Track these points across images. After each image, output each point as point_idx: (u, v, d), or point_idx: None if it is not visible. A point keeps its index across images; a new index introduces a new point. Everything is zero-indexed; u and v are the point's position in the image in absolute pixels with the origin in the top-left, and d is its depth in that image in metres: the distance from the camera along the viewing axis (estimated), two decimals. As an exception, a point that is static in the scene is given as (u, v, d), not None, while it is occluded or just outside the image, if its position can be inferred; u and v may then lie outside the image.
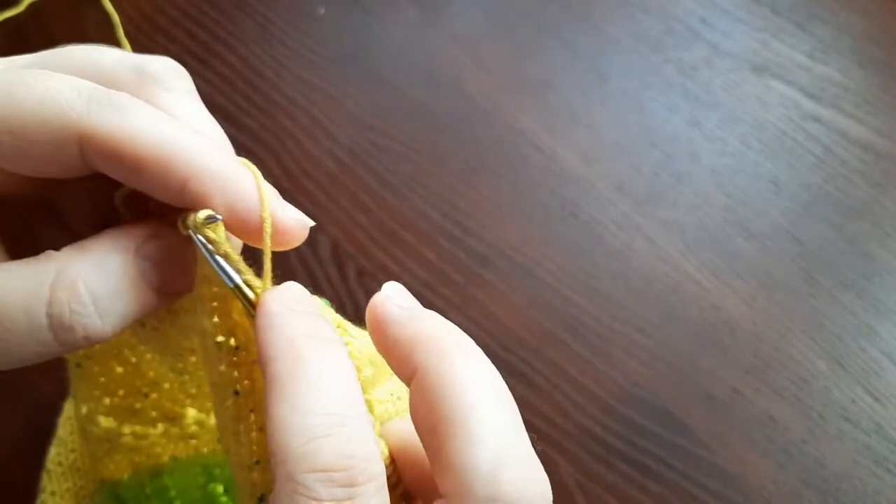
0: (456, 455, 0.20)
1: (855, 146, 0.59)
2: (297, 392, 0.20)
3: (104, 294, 0.22)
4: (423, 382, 0.22)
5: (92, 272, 0.22)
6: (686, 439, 0.48)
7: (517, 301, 0.52)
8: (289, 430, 0.20)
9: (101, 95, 0.22)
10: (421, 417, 0.22)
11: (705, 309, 0.52)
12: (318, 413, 0.20)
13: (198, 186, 0.22)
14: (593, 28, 0.64)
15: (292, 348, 0.21)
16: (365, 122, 0.59)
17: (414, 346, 0.23)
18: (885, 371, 0.50)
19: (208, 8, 0.64)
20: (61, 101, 0.21)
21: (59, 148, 0.22)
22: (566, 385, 0.49)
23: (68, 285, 0.21)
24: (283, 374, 0.21)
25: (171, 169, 0.22)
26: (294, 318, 0.22)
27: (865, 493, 0.46)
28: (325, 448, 0.19)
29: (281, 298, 0.23)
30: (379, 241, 0.54)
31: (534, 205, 0.56)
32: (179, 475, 0.34)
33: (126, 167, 0.22)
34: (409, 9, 0.65)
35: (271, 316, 0.22)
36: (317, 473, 0.19)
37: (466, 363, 0.22)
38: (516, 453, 0.21)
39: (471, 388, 0.21)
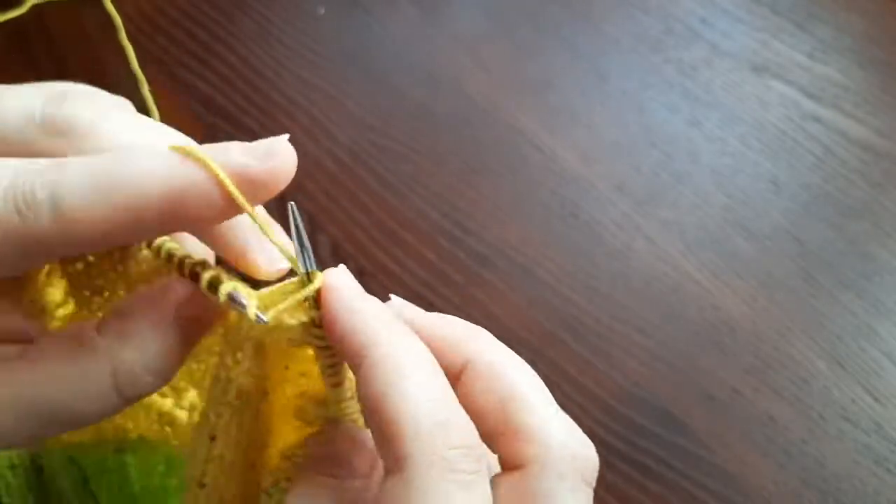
0: (535, 422, 0.23)
1: (855, 146, 0.59)
2: (416, 375, 0.21)
3: (154, 368, 0.24)
4: (479, 370, 0.24)
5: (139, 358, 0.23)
6: (686, 439, 0.48)
7: (517, 301, 0.52)
8: (424, 411, 0.21)
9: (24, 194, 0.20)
10: (482, 399, 0.24)
11: (705, 309, 0.52)
12: (437, 396, 0.21)
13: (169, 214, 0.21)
14: (593, 28, 0.64)
15: (389, 332, 0.22)
16: (365, 122, 0.59)
17: (460, 342, 0.25)
18: (885, 371, 0.50)
19: (208, 8, 0.64)
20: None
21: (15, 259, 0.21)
22: (566, 385, 0.49)
23: (127, 375, 0.23)
24: (394, 358, 0.21)
25: (136, 220, 0.20)
26: (371, 302, 0.23)
27: (865, 493, 0.46)
28: (457, 427, 0.21)
29: (348, 279, 0.23)
30: (379, 241, 0.54)
31: (534, 205, 0.56)
32: (142, 456, 0.34)
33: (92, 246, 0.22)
34: (410, 9, 0.65)
35: (350, 299, 0.23)
36: (458, 450, 0.20)
37: (503, 350, 0.25)
38: (569, 420, 0.24)
39: (521, 371, 0.25)
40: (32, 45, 0.61)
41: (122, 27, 0.52)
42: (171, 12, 0.64)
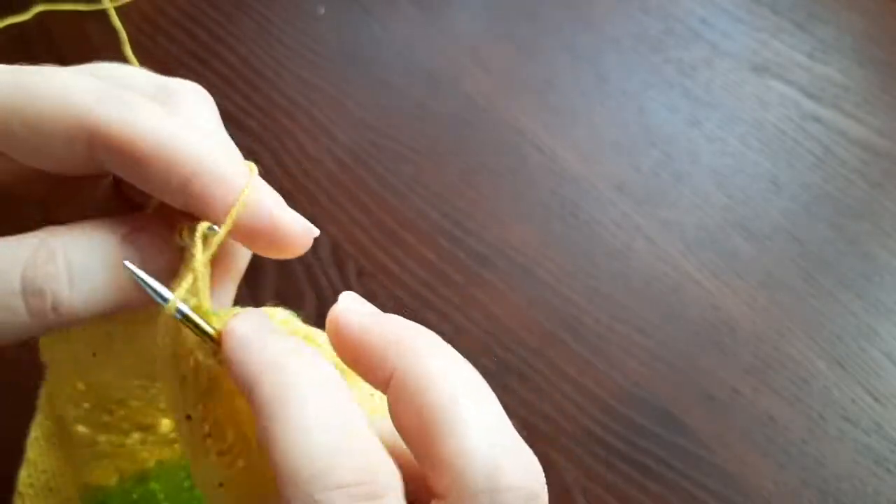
0: (451, 450, 0.20)
1: (855, 146, 0.59)
2: (295, 411, 0.20)
3: (81, 265, 0.22)
4: (402, 383, 0.21)
5: (74, 244, 0.22)
6: (686, 439, 0.48)
7: (517, 301, 0.52)
8: (298, 452, 0.19)
9: (112, 91, 0.22)
10: (404, 418, 0.21)
11: (705, 309, 0.52)
12: (322, 430, 0.19)
13: (199, 187, 0.22)
14: (593, 28, 0.64)
15: (277, 368, 0.21)
16: (365, 122, 0.59)
17: (386, 349, 0.22)
18: (885, 371, 0.50)
19: (208, 8, 0.64)
20: (74, 94, 0.22)
21: (68, 141, 0.22)
22: (566, 385, 0.49)
23: (47, 251, 0.22)
24: (274, 396, 0.20)
25: (173, 167, 0.22)
26: (267, 339, 0.22)
27: (865, 493, 0.46)
28: (345, 463, 0.19)
29: (248, 323, 0.22)
30: (379, 241, 0.54)
31: (534, 205, 0.56)
32: (166, 479, 0.34)
33: (130, 162, 0.22)
34: (410, 9, 0.65)
35: (243, 340, 0.22)
36: (337, 491, 0.19)
37: (443, 359, 0.22)
38: (507, 442, 0.21)
39: (452, 383, 0.21)
40: (34, 48, 0.61)
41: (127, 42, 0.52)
42: (171, 12, 0.64)
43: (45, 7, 0.58)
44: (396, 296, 0.52)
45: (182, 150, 0.22)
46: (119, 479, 0.34)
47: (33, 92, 0.22)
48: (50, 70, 0.23)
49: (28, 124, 0.22)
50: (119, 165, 0.23)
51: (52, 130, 0.22)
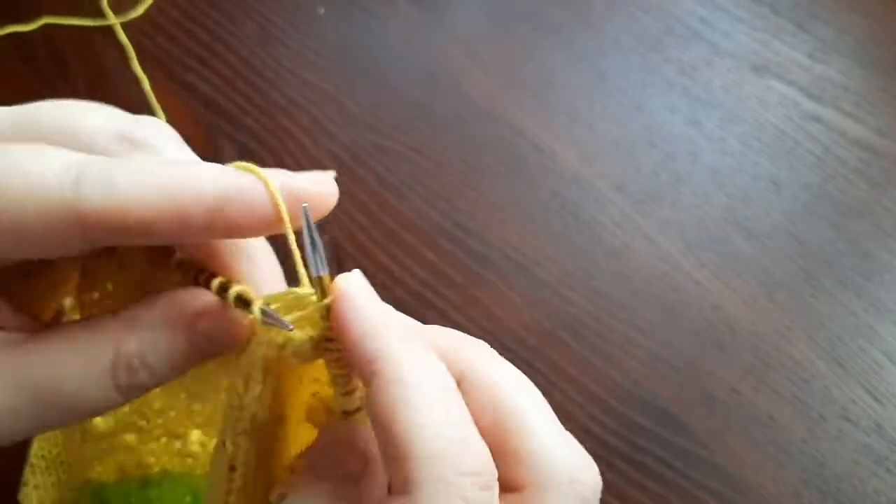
0: (533, 447, 0.22)
1: (855, 146, 0.59)
2: (425, 396, 0.21)
3: (153, 365, 0.23)
4: (475, 387, 0.23)
5: (141, 349, 0.23)
6: (686, 439, 0.48)
7: (517, 301, 0.52)
8: (432, 435, 0.20)
9: (86, 171, 0.21)
10: (477, 418, 0.22)
11: (705, 309, 0.52)
12: (452, 419, 0.21)
13: (212, 217, 0.22)
14: (593, 28, 0.64)
15: (403, 345, 0.21)
16: (365, 122, 0.59)
17: (455, 356, 0.24)
18: (885, 371, 0.50)
19: (208, 8, 0.64)
20: (51, 189, 0.21)
21: (63, 235, 0.21)
22: (566, 385, 0.49)
23: (125, 364, 0.23)
24: (405, 371, 0.21)
25: (183, 214, 0.21)
26: (384, 311, 0.23)
27: (865, 493, 0.46)
28: (470, 452, 0.20)
29: (361, 287, 0.23)
30: (379, 241, 0.54)
31: (534, 205, 0.56)
32: (167, 489, 0.34)
33: (135, 235, 0.22)
34: (409, 9, 0.65)
35: (363, 307, 0.22)
36: (468, 477, 0.20)
37: (503, 366, 0.24)
38: (572, 441, 0.23)
39: (521, 389, 0.24)
40: (34, 47, 0.61)
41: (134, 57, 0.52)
42: (171, 12, 0.64)
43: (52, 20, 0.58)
44: (396, 296, 0.52)
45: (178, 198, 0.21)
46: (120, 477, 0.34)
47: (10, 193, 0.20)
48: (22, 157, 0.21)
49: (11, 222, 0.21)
50: (122, 241, 0.22)
51: (39, 229, 0.21)
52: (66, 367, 0.23)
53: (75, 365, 0.23)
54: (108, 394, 0.23)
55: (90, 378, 0.23)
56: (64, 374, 0.22)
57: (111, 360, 0.23)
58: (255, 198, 0.22)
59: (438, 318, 0.50)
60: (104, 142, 0.24)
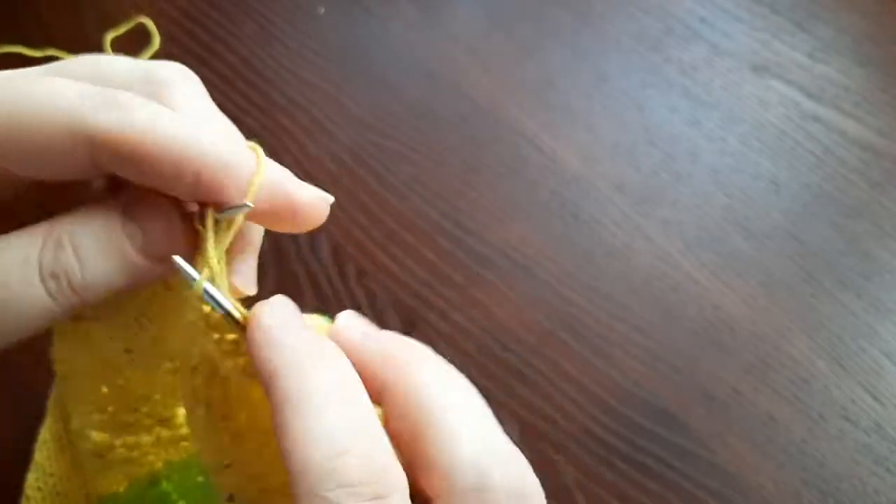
0: (438, 453, 0.21)
1: (855, 146, 0.59)
2: (312, 407, 0.20)
3: (88, 249, 0.23)
4: (394, 395, 0.23)
5: (79, 227, 0.23)
6: (686, 439, 0.48)
7: (517, 301, 0.52)
8: (310, 446, 0.20)
9: (105, 96, 0.22)
10: (397, 429, 0.22)
11: (705, 309, 0.52)
12: (337, 427, 0.20)
13: (209, 179, 0.22)
14: (593, 28, 0.64)
15: (299, 363, 0.21)
16: (365, 122, 0.59)
17: (380, 365, 0.23)
18: (885, 371, 0.50)
19: (208, 8, 0.64)
20: (67, 104, 0.21)
21: (69, 151, 0.22)
22: (566, 385, 0.49)
23: (55, 238, 0.22)
24: (293, 390, 0.21)
25: (181, 164, 0.22)
26: (293, 332, 0.22)
27: (865, 492, 0.46)
28: (350, 463, 0.20)
29: (274, 313, 0.23)
30: (379, 241, 0.54)
31: (534, 205, 0.56)
32: (178, 478, 0.34)
33: (136, 166, 0.22)
34: (409, 9, 0.65)
35: (269, 330, 0.22)
36: (344, 489, 0.19)
37: (434, 371, 0.23)
38: (495, 444, 0.22)
39: (442, 393, 0.23)
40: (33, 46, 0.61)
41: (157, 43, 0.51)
42: (171, 12, 0.64)
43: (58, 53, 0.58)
44: (396, 296, 0.52)
45: (187, 146, 0.22)
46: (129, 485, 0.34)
47: (24, 106, 0.21)
48: (36, 80, 0.22)
49: (23, 139, 0.21)
50: (125, 170, 0.22)
51: (49, 144, 0.22)
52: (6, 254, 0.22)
53: (7, 245, 0.22)
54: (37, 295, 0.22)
55: (17, 256, 0.22)
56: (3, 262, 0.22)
57: (42, 235, 0.22)
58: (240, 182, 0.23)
59: (438, 318, 0.50)
60: (133, 80, 0.24)
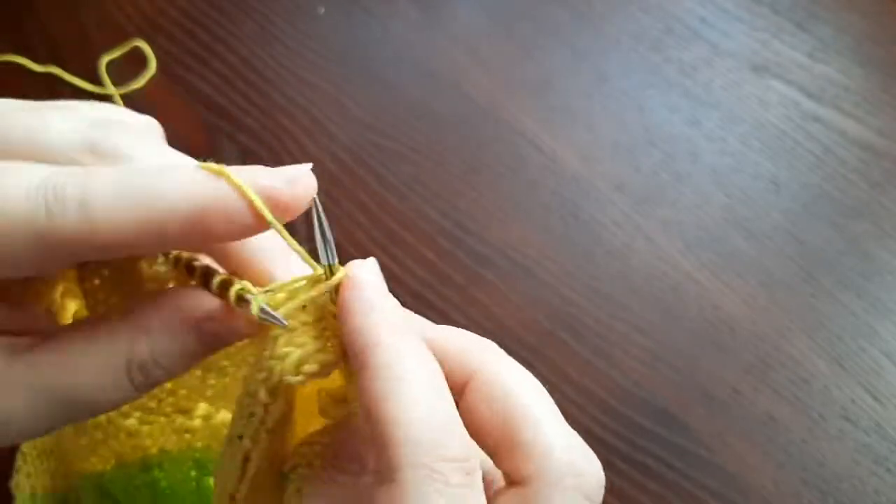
0: (534, 437, 0.23)
1: (855, 146, 0.59)
2: (414, 382, 0.21)
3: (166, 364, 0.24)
4: (483, 383, 0.24)
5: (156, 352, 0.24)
6: (686, 439, 0.48)
7: (517, 301, 0.52)
8: (416, 420, 0.20)
9: (57, 191, 0.20)
10: (485, 414, 0.24)
11: (705, 309, 0.52)
12: (437, 405, 0.21)
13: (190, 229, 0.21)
14: (593, 28, 0.64)
15: (398, 336, 0.22)
16: (365, 122, 0.59)
17: (467, 356, 0.25)
18: (885, 371, 0.50)
19: (208, 8, 0.64)
20: (18, 209, 0.20)
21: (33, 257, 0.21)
22: (566, 385, 0.49)
23: (139, 366, 0.24)
24: (394, 362, 0.21)
25: (160, 230, 0.21)
26: (387, 301, 0.23)
27: (865, 492, 0.46)
28: (454, 441, 0.21)
29: (369, 275, 0.23)
30: (379, 241, 0.54)
31: (534, 205, 0.56)
32: (170, 468, 0.34)
33: (113, 252, 0.22)
34: (409, 9, 0.65)
35: (366, 295, 0.23)
36: (450, 463, 0.20)
37: (517, 368, 0.25)
38: (574, 436, 0.24)
39: (530, 388, 0.24)
40: (33, 46, 0.61)
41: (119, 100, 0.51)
42: (171, 12, 0.64)
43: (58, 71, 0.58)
44: (396, 296, 0.51)
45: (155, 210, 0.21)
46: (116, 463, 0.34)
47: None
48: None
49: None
50: (102, 257, 0.23)
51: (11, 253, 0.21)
52: (82, 372, 0.23)
53: (90, 369, 0.23)
54: (125, 391, 0.24)
55: (106, 379, 0.23)
56: (79, 377, 0.23)
57: (125, 364, 0.24)
58: (233, 206, 0.21)
59: (438, 318, 0.50)
60: (72, 153, 0.23)
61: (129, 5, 0.63)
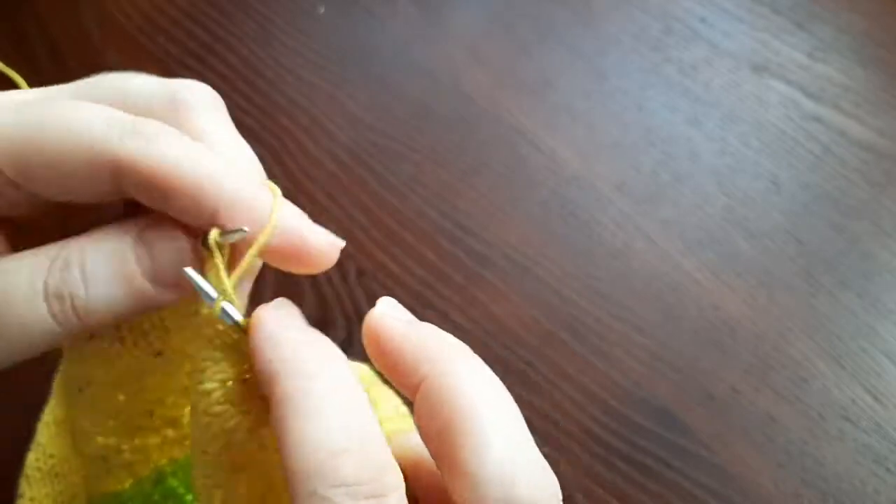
0: (467, 459, 0.20)
1: (855, 146, 0.59)
2: (312, 408, 0.20)
3: (95, 271, 0.23)
4: (429, 390, 0.22)
5: (90, 250, 0.23)
6: (686, 439, 0.48)
7: (517, 301, 0.52)
8: (309, 446, 0.20)
9: (132, 125, 0.22)
10: (427, 425, 0.22)
11: (705, 309, 0.52)
12: (335, 428, 0.20)
13: (227, 216, 0.23)
14: (593, 28, 0.64)
15: (299, 364, 0.21)
16: (365, 122, 0.59)
17: (418, 357, 0.22)
18: (885, 371, 0.50)
19: (208, 8, 0.64)
20: (93, 131, 0.22)
21: (92, 177, 0.22)
22: (566, 385, 0.49)
23: (63, 259, 0.23)
24: (294, 391, 0.21)
25: (201, 199, 0.22)
26: (293, 333, 0.22)
27: (865, 493, 0.46)
28: (349, 462, 0.19)
29: (276, 314, 0.23)
30: (379, 241, 0.54)
31: (533, 205, 0.56)
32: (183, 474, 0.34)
33: (157, 196, 0.23)
34: (409, 8, 0.65)
35: (270, 332, 0.22)
36: (343, 488, 0.19)
37: (471, 370, 0.22)
38: (526, 456, 0.21)
39: (477, 393, 0.21)
40: (33, 46, 0.61)
41: None
42: (171, 12, 0.64)
43: None
44: (396, 296, 0.51)
45: (206, 183, 0.22)
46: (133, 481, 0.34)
47: (51, 131, 0.22)
48: (66, 106, 0.23)
49: (50, 164, 0.22)
50: (145, 198, 0.23)
51: (73, 168, 0.22)
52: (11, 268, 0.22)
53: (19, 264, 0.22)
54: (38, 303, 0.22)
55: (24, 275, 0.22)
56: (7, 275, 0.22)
57: (52, 256, 0.23)
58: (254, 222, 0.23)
59: (438, 319, 0.50)
60: (156, 103, 0.25)
61: (129, 5, 0.63)
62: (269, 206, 0.24)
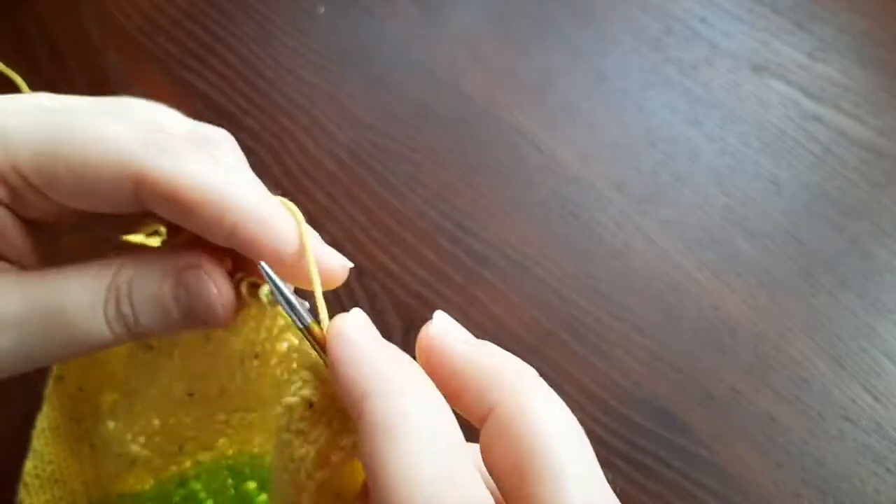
0: (547, 496, 0.20)
1: (855, 146, 0.59)
2: (405, 435, 0.20)
3: (141, 302, 0.25)
4: (502, 424, 0.21)
5: (135, 282, 0.25)
6: (686, 439, 0.48)
7: (517, 301, 0.52)
8: (405, 478, 0.19)
9: (158, 140, 0.23)
10: (500, 456, 0.21)
11: (705, 309, 0.52)
12: (437, 464, 0.19)
13: (246, 233, 0.24)
14: (593, 27, 0.64)
15: (393, 386, 0.20)
16: (365, 122, 0.59)
17: (485, 385, 0.22)
18: (885, 371, 0.50)
19: (208, 8, 0.64)
20: (120, 142, 0.23)
21: (115, 188, 0.23)
22: (566, 385, 0.49)
23: (117, 290, 0.25)
24: (388, 413, 0.20)
25: (221, 214, 0.23)
26: (378, 347, 0.22)
27: (865, 493, 0.46)
28: (446, 495, 0.19)
29: (357, 325, 0.22)
30: (379, 241, 0.54)
31: (533, 205, 0.56)
32: (207, 479, 0.34)
33: (178, 210, 0.23)
34: (409, 8, 0.65)
35: (355, 345, 0.22)
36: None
37: (545, 402, 0.22)
38: (603, 495, 0.21)
39: (553, 429, 0.21)
40: (33, 46, 0.61)
41: None
42: (171, 12, 0.64)
43: None
44: (396, 296, 0.52)
45: (226, 199, 0.23)
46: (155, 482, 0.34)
47: (79, 140, 0.23)
48: (95, 117, 0.23)
49: (75, 172, 0.23)
50: (166, 211, 0.24)
51: (98, 177, 0.23)
52: (66, 289, 0.24)
53: (73, 286, 0.24)
54: (99, 324, 0.24)
55: (85, 299, 0.24)
56: (62, 294, 0.24)
57: (106, 285, 0.24)
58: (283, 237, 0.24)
59: (438, 318, 0.50)
60: (181, 133, 0.26)
61: (129, 5, 0.63)
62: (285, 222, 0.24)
